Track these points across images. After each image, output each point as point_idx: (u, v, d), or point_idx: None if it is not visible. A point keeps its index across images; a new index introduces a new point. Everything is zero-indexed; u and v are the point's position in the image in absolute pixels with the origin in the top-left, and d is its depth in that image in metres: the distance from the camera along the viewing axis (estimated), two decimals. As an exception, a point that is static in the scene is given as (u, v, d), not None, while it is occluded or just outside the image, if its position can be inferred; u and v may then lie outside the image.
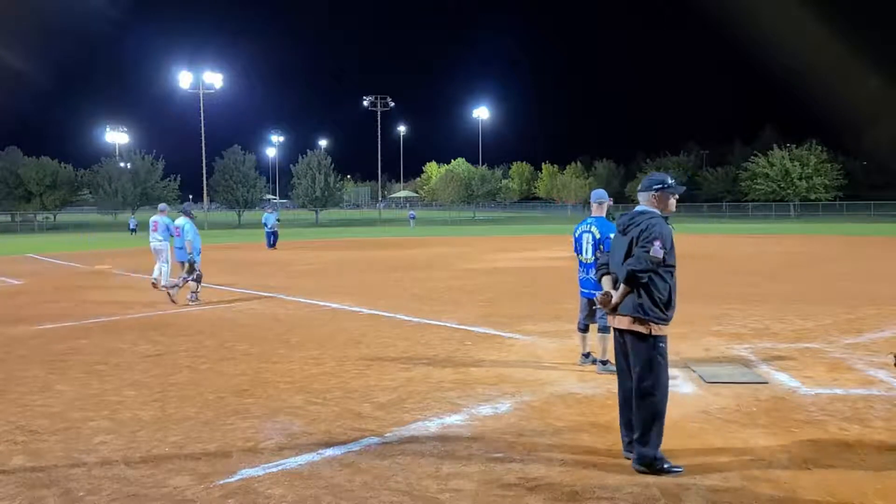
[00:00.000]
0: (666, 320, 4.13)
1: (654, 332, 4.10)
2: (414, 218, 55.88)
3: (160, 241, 13.68)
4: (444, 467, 4.24)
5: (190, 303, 11.73)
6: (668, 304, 4.13)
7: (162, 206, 14.88)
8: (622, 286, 4.13)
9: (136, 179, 64.61)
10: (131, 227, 47.38)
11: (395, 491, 3.89)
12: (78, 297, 13.02)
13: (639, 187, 4.38)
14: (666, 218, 4.26)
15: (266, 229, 26.79)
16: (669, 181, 4.33)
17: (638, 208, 4.34)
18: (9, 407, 5.72)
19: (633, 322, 4.13)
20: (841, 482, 3.94)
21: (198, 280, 11.90)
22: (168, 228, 13.66)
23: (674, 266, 4.16)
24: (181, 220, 12.31)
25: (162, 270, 13.52)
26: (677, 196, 4.37)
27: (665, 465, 4.09)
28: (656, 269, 4.05)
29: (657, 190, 4.29)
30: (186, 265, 11.87)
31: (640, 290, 4.09)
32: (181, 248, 12.20)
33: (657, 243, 4.02)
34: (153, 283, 13.33)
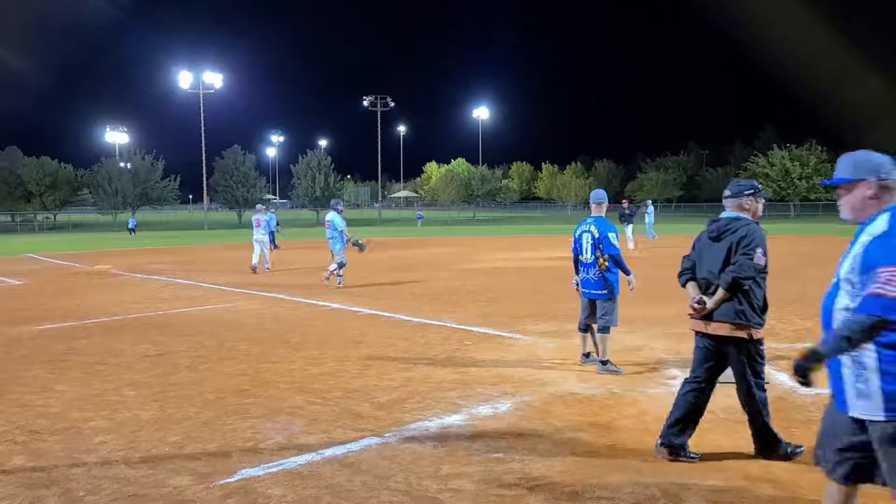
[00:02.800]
0: (763, 324, 4.27)
1: (754, 337, 4.23)
2: (422, 218, 56.18)
3: (263, 234, 17.13)
4: (444, 467, 4.24)
5: (338, 286, 13.57)
6: (765, 309, 4.28)
7: (259, 206, 18.47)
8: (720, 292, 4.21)
9: (136, 179, 64.61)
10: (130, 226, 47.74)
11: (395, 491, 3.89)
12: (78, 297, 13.02)
13: (726, 193, 4.45)
14: (757, 223, 4.36)
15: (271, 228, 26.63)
16: (758, 186, 4.45)
17: (728, 214, 4.38)
18: (9, 407, 5.72)
19: (734, 328, 4.22)
20: (841, 482, 3.93)
21: (340, 266, 13.62)
22: (269, 224, 17.28)
23: (767, 272, 4.29)
24: (331, 215, 13.89)
25: (264, 257, 17.09)
26: (763, 201, 4.48)
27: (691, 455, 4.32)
28: (757, 275, 4.18)
29: (749, 195, 4.37)
30: (357, 245, 13.85)
31: (739, 297, 4.18)
32: (332, 238, 13.76)
33: (759, 251, 4.15)
34: (252, 269, 16.67)
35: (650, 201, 32.08)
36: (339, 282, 13.70)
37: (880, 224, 2.70)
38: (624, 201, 26.60)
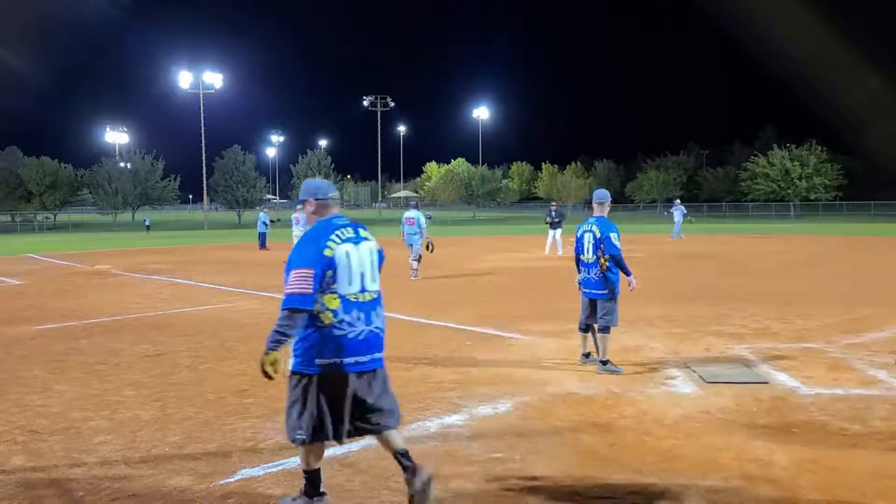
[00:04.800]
0: None
1: None
2: (430, 218, 56.57)
3: (302, 230, 19.08)
4: (444, 467, 4.24)
5: (413, 278, 14.78)
6: None
7: (299, 206, 19.74)
8: None
9: (136, 179, 64.67)
10: (147, 223, 49.52)
11: (395, 491, 3.89)
12: (78, 297, 13.02)
13: None
14: None
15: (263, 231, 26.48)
16: None
17: None
18: (9, 407, 5.72)
19: None
20: (841, 482, 3.94)
21: (418, 259, 14.92)
22: (305, 223, 18.53)
23: None
24: (413, 213, 14.96)
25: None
26: None
27: None
28: None
29: None
30: (430, 246, 14.89)
31: None
32: (412, 234, 14.85)
33: None
34: None
35: (678, 200, 31.31)
36: (413, 275, 14.77)
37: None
38: (553, 203, 23.12)
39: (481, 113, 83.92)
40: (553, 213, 21.21)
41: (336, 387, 3.47)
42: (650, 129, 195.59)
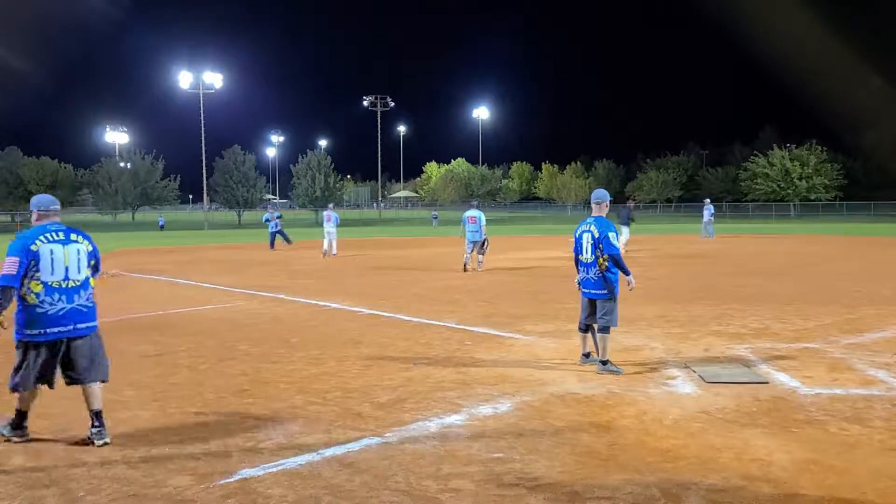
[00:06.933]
0: None
1: None
2: (436, 219, 57.15)
3: (333, 227, 21.35)
4: (444, 467, 4.24)
5: (478, 269, 16.28)
6: None
7: (331, 205, 23.43)
8: None
9: (136, 179, 64.71)
10: (161, 224, 50.55)
11: (395, 491, 3.89)
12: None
13: None
14: None
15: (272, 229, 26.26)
16: None
17: None
18: (9, 407, 5.71)
19: None
20: (841, 482, 3.94)
21: (483, 253, 16.40)
22: (335, 219, 21.57)
23: None
24: (475, 212, 16.23)
25: (332, 245, 21.29)
26: None
27: None
28: None
29: None
30: (486, 243, 16.51)
31: None
32: (474, 231, 16.15)
33: None
34: (323, 255, 21.01)
35: (708, 200, 31.80)
36: (466, 264, 16.06)
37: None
38: (629, 202, 25.33)
39: (481, 113, 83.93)
40: (628, 211, 23.10)
41: (42, 349, 4.65)
42: (650, 129, 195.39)
